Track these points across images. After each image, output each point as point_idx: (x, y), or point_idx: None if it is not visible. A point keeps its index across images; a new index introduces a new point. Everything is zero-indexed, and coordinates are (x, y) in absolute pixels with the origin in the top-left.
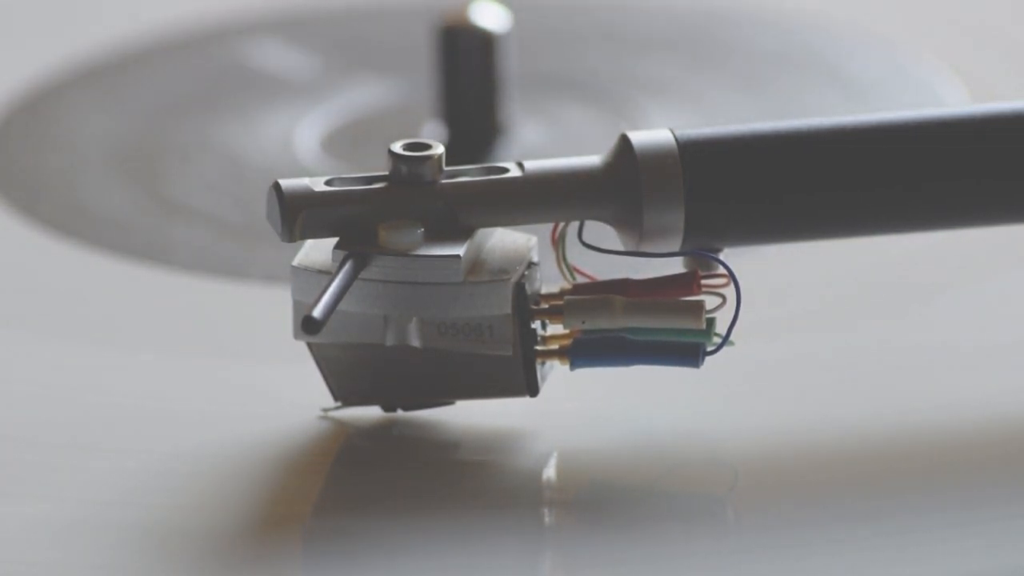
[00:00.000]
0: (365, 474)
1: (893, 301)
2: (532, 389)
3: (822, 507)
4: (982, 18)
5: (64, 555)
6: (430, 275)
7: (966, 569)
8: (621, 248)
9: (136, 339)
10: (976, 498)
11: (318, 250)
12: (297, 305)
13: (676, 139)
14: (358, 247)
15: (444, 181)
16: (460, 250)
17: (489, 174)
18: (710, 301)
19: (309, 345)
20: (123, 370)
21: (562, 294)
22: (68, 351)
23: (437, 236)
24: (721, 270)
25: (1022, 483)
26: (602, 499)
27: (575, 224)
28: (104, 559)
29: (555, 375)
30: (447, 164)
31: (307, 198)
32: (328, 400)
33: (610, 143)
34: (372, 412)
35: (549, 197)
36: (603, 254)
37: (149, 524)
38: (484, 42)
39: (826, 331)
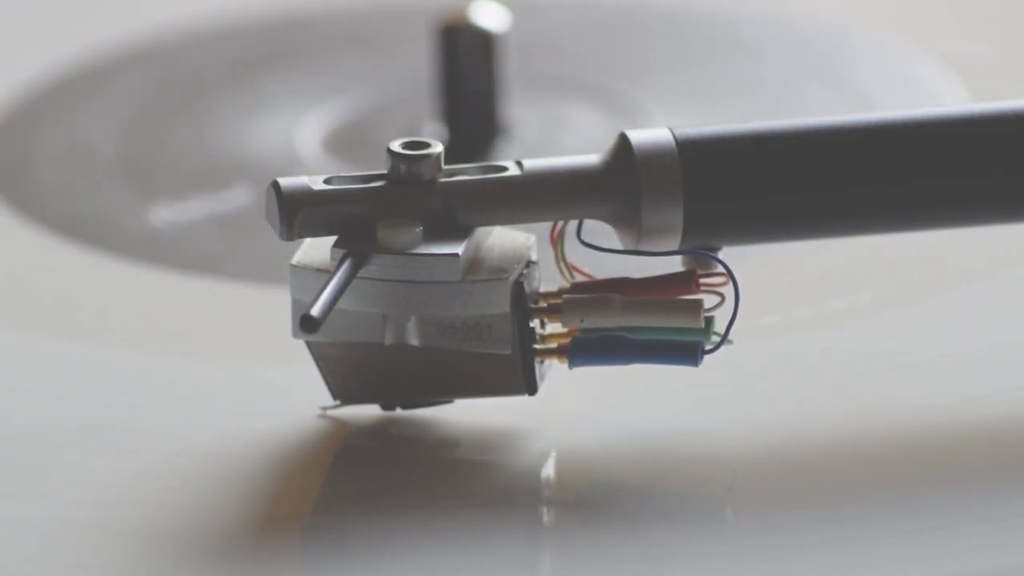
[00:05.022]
0: (364, 473)
1: (893, 300)
2: (531, 388)
3: (822, 507)
4: (982, 17)
5: (63, 555)
6: (429, 274)
7: (966, 569)
8: (620, 247)
9: (135, 339)
10: (977, 498)
11: (317, 249)
12: (296, 303)
13: (675, 138)
14: (357, 246)
15: (443, 180)
16: (459, 249)
17: (488, 173)
18: (709, 300)
19: (308, 344)
20: (122, 370)
21: (561, 293)
22: (68, 351)
23: (436, 235)
24: (720, 269)
25: (1020, 483)
26: (601, 498)
27: (574, 223)
28: (104, 559)
29: (554, 374)
30: (446, 163)
31: (306, 197)
32: (327, 398)
33: (610, 143)
34: (371, 411)
35: (548, 196)
36: (602, 253)
37: (148, 524)
38: (484, 42)
39: (825, 330)
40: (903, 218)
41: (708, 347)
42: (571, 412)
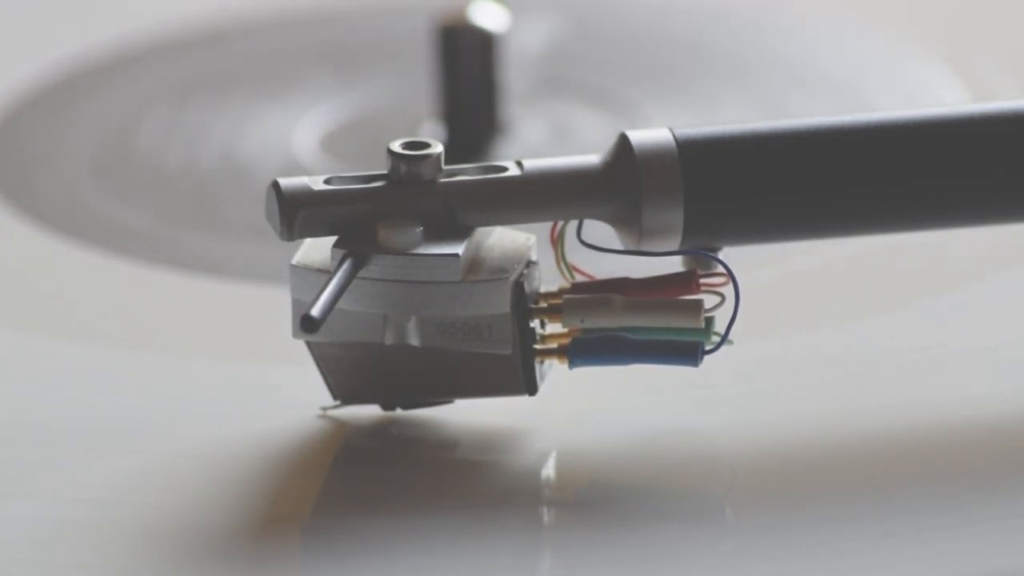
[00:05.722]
0: (364, 473)
1: (892, 300)
2: (531, 388)
3: (821, 507)
4: (982, 18)
5: (63, 555)
6: (429, 274)
7: (966, 569)
8: (620, 247)
9: (135, 339)
10: (977, 498)
11: (317, 249)
12: (296, 304)
13: (675, 138)
14: (357, 246)
15: (443, 180)
16: (459, 249)
17: (488, 173)
18: (709, 300)
19: (308, 344)
20: (122, 370)
21: (561, 293)
22: (68, 351)
23: (436, 235)
24: (720, 269)
25: (1020, 483)
26: (601, 498)
27: (574, 223)
28: (104, 559)
29: (554, 374)
30: (446, 163)
31: (306, 197)
32: (327, 399)
33: (610, 143)
34: (371, 411)
35: (548, 196)
36: (602, 253)
37: (148, 524)
38: (484, 42)
39: (825, 330)
40: (903, 218)
41: (708, 347)
42: (571, 412)
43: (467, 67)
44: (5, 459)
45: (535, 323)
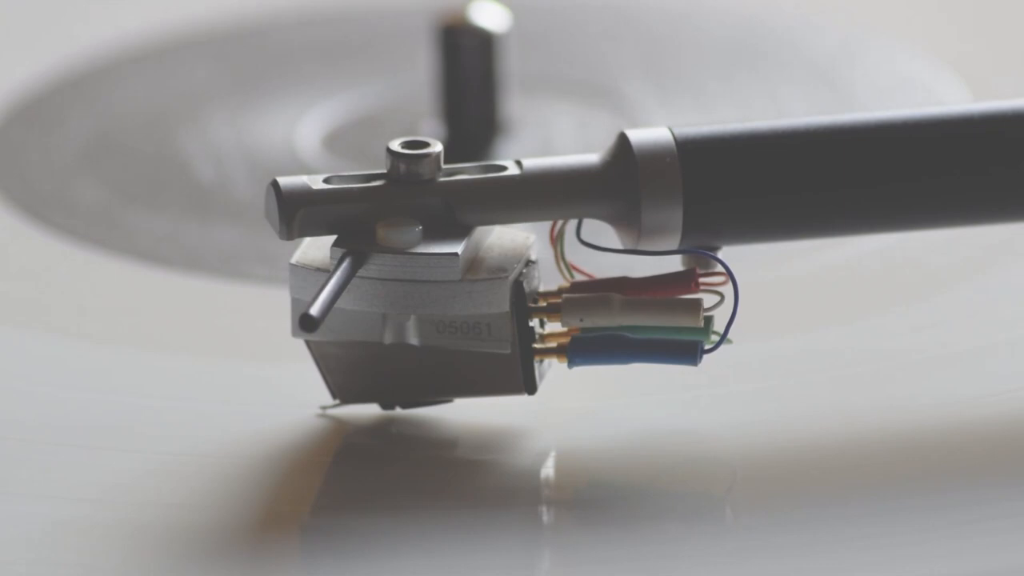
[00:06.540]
0: (363, 472)
1: (892, 300)
2: (530, 387)
3: (821, 506)
4: (982, 18)
5: (63, 554)
6: (428, 273)
7: (964, 567)
8: (620, 246)
9: (136, 339)
10: (976, 497)
11: (316, 248)
12: (295, 303)
13: (675, 137)
14: (356, 245)
15: (442, 179)
16: (458, 248)
17: (487, 172)
18: (708, 299)
19: (307, 343)
20: (122, 369)
21: (560, 292)
22: (68, 351)
23: (435, 234)
24: (719, 268)
25: (1019, 482)
26: (600, 498)
27: (573, 222)
28: (102, 558)
29: (553, 373)
30: (446, 162)
31: (305, 196)
32: (326, 398)
33: (609, 142)
34: (370, 410)
35: (547, 195)
36: (601, 252)
37: (147, 523)
38: (484, 42)
39: (825, 329)
40: (902, 217)
41: (707, 346)
42: (570, 412)
43: (467, 67)
44: (5, 459)
45: (534, 322)
